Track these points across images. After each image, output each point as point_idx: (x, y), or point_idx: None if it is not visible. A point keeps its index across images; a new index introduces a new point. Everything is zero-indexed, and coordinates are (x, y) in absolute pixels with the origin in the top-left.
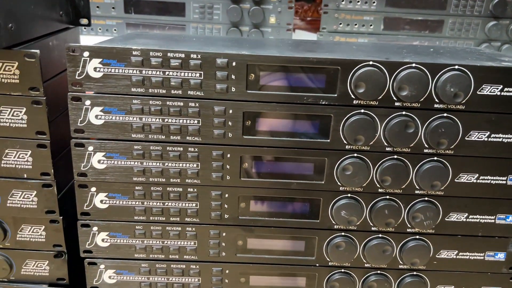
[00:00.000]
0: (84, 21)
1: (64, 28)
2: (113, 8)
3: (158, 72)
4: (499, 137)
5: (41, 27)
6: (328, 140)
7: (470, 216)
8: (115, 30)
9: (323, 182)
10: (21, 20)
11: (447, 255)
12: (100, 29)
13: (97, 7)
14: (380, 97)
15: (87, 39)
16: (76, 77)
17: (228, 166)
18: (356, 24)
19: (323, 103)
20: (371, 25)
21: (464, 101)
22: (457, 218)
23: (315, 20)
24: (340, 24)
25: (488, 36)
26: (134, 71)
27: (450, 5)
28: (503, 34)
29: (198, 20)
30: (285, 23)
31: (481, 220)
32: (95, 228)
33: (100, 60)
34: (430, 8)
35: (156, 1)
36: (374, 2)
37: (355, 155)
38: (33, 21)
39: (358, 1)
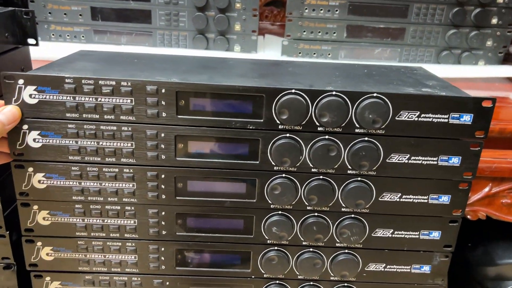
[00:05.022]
0: (31, 41)
1: (13, 47)
2: (80, 15)
3: (91, 99)
4: (419, 159)
5: None
6: (258, 162)
7: (396, 232)
8: (83, 36)
9: (254, 201)
10: None
11: (376, 268)
12: (68, 35)
13: (65, 14)
14: (303, 122)
15: (56, 45)
16: (12, 103)
17: (163, 186)
18: (319, 32)
19: (250, 127)
20: (334, 33)
21: (383, 126)
22: (383, 234)
23: (284, 25)
24: (304, 31)
25: (448, 44)
26: (68, 98)
27: (411, 13)
28: (463, 42)
29: (164, 27)
30: (250, 30)
31: (406, 236)
32: (39, 243)
33: (35, 87)
34: (392, 16)
35: (122, 8)
36: (337, 10)
37: (283, 175)
38: None
39: (321, 9)
